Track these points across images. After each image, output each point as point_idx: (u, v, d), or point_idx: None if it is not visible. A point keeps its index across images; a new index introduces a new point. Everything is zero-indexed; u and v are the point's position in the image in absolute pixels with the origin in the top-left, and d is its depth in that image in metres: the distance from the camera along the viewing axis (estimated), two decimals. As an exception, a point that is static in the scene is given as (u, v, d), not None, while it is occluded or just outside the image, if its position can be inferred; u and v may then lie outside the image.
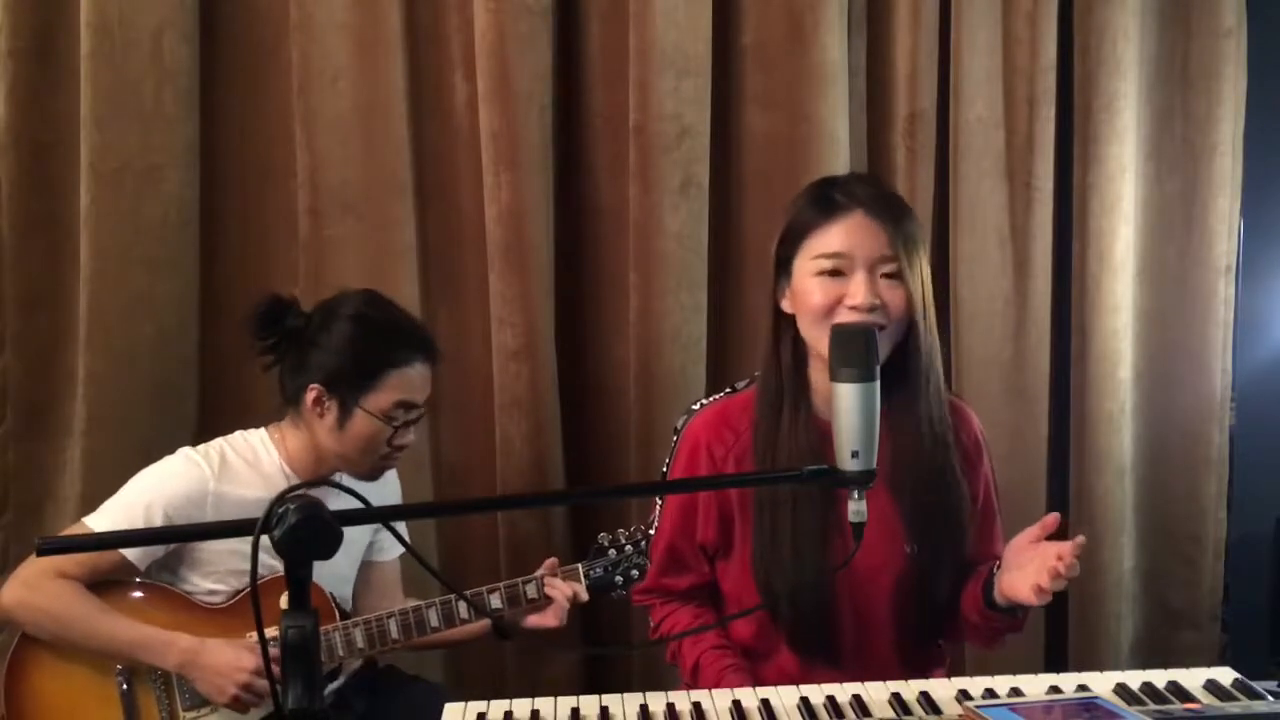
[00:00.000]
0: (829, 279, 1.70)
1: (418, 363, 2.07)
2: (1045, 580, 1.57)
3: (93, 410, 2.45)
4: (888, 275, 1.70)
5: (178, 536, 1.96)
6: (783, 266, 1.77)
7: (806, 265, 1.72)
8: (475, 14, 2.47)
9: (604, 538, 2.18)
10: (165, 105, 2.46)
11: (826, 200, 1.73)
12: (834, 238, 1.70)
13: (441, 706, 1.59)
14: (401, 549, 2.29)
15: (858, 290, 1.68)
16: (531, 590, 2.11)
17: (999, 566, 1.71)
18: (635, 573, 2.14)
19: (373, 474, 2.11)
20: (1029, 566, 1.61)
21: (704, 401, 1.92)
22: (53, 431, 2.53)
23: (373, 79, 2.50)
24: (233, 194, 2.58)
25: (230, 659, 1.99)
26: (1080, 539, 1.58)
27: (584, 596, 2.14)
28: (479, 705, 1.59)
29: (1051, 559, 1.57)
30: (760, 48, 2.56)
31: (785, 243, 1.77)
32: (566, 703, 1.59)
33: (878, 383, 1.31)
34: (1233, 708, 1.53)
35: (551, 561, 2.15)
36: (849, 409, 1.29)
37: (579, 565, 2.16)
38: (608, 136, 2.58)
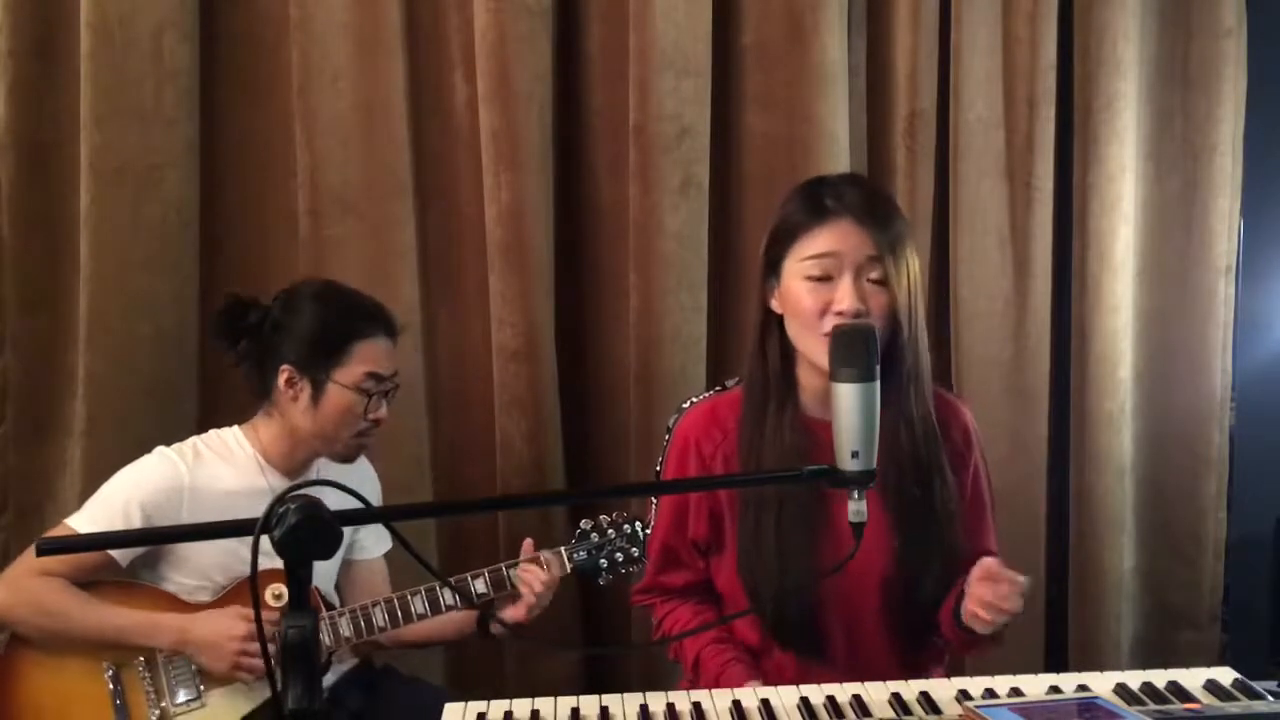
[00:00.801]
0: (817, 284, 1.70)
1: (381, 335, 2.11)
2: (981, 610, 1.61)
3: (93, 410, 2.45)
4: (873, 280, 1.71)
5: (176, 536, 1.96)
6: (772, 267, 1.78)
7: (795, 268, 1.73)
8: (475, 14, 2.47)
9: (586, 523, 2.19)
10: (165, 105, 2.46)
11: (816, 204, 1.74)
12: (822, 243, 1.71)
13: (441, 707, 1.59)
14: (385, 548, 2.30)
15: (844, 296, 1.68)
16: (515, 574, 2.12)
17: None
18: (619, 556, 2.15)
19: (349, 453, 2.13)
20: (978, 591, 1.64)
21: (694, 399, 1.93)
22: (53, 431, 2.53)
23: (373, 79, 2.50)
24: (233, 194, 2.58)
25: (225, 627, 2.00)
26: (1022, 580, 1.62)
27: (559, 574, 2.13)
28: (479, 705, 1.59)
29: (1001, 588, 1.61)
30: (760, 48, 2.56)
31: (775, 243, 1.77)
32: (566, 703, 1.59)
33: (878, 383, 1.32)
34: (1233, 708, 1.53)
35: (528, 543, 2.14)
36: (849, 409, 1.30)
37: (561, 549, 2.16)
38: (608, 136, 2.58)
